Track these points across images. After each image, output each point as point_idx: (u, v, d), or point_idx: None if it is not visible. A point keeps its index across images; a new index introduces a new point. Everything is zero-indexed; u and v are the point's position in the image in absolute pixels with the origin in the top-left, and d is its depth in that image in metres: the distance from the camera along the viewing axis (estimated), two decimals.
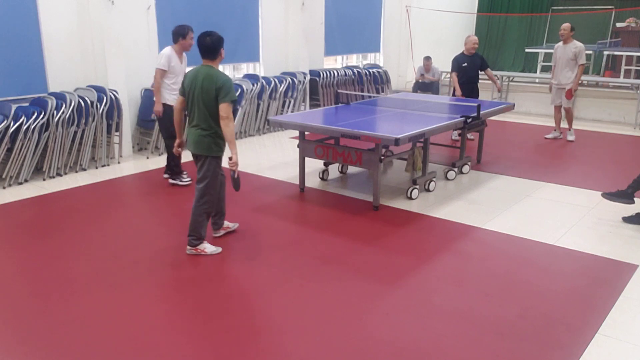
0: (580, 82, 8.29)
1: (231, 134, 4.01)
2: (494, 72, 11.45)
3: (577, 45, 8.01)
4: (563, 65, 8.13)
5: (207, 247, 4.34)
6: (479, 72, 8.13)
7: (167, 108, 5.82)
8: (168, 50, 5.88)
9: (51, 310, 3.55)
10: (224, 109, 3.98)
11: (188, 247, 4.33)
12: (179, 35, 5.85)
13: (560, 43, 8.17)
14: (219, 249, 4.39)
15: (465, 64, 8.04)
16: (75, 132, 6.60)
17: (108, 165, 7.00)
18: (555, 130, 8.59)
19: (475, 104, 6.46)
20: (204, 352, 3.11)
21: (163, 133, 6.20)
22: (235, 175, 4.10)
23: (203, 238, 4.34)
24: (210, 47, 4.09)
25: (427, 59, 11.34)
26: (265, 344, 3.19)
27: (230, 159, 4.03)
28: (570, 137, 8.42)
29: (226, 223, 4.75)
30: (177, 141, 4.55)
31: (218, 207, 4.53)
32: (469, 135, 8.12)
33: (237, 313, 3.53)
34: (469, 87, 8.05)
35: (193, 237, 4.30)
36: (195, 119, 4.16)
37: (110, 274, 4.07)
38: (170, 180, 6.18)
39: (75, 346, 3.16)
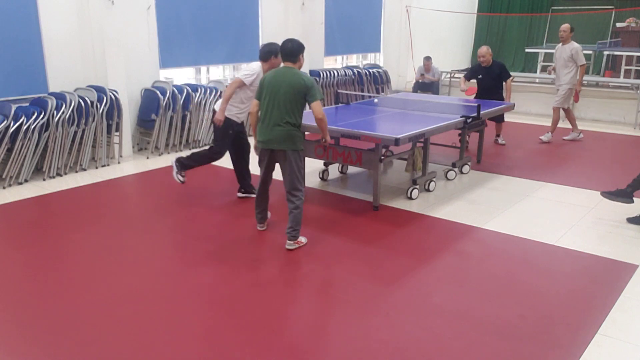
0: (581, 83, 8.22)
1: (326, 126, 4.54)
2: None
3: (573, 46, 7.96)
4: (560, 66, 8.13)
5: (302, 238, 4.57)
6: (502, 83, 7.76)
7: (226, 122, 5.30)
8: (258, 67, 5.19)
9: (51, 310, 3.55)
10: (317, 107, 4.32)
11: (289, 242, 4.48)
12: (271, 53, 5.13)
13: (560, 44, 8.16)
14: (306, 238, 4.62)
15: (481, 76, 7.78)
16: (75, 132, 6.60)
17: (108, 165, 7.00)
18: (573, 131, 8.46)
19: (475, 104, 6.47)
20: (203, 350, 3.12)
21: (219, 148, 5.51)
22: (323, 142, 4.72)
23: (299, 232, 4.56)
24: (291, 51, 4.41)
25: (427, 59, 11.34)
26: (265, 344, 3.19)
27: (324, 140, 4.65)
28: (545, 138, 8.30)
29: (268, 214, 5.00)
30: (254, 143, 4.58)
31: (265, 203, 4.83)
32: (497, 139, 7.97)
33: (236, 312, 3.53)
34: (484, 97, 7.63)
35: (296, 231, 4.48)
36: (279, 117, 4.32)
37: (110, 274, 4.07)
38: (240, 194, 5.72)
39: (75, 345, 3.16)
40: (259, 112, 4.44)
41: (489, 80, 7.75)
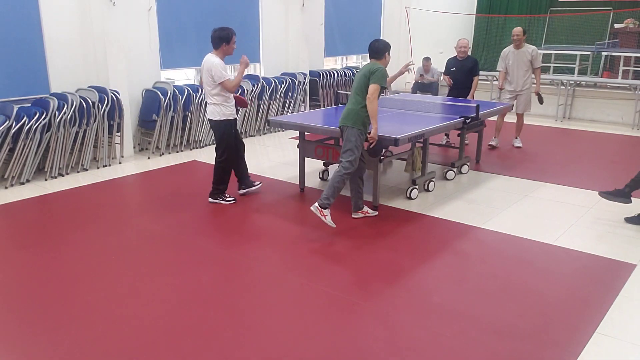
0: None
1: (374, 111, 4.71)
2: (493, 73, 11.52)
3: (532, 48, 7.64)
4: (519, 71, 7.65)
5: (328, 216, 4.75)
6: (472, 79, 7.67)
7: (227, 124, 5.34)
8: (217, 58, 5.19)
9: (53, 309, 3.57)
10: (372, 89, 4.68)
11: (315, 205, 4.75)
12: (222, 40, 5.18)
13: (511, 48, 7.68)
14: (334, 224, 4.76)
15: (454, 68, 7.74)
16: (77, 133, 6.63)
17: (109, 165, 7.03)
18: (496, 137, 8.07)
19: (474, 105, 6.50)
20: (203, 350, 3.15)
21: (221, 151, 5.46)
22: (371, 147, 4.90)
23: (331, 204, 4.76)
24: (376, 49, 4.89)
25: (427, 59, 11.37)
26: (265, 343, 3.22)
27: (369, 133, 4.83)
28: (518, 144, 8.07)
29: (365, 207, 5.24)
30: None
31: (358, 190, 5.16)
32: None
33: (237, 312, 3.57)
34: (457, 92, 7.76)
35: (325, 198, 4.73)
36: (350, 100, 4.90)
37: (111, 273, 4.10)
38: (211, 199, 5.58)
39: (76, 344, 3.19)
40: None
41: (461, 74, 7.68)
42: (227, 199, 5.59)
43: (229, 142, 5.46)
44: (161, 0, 7.90)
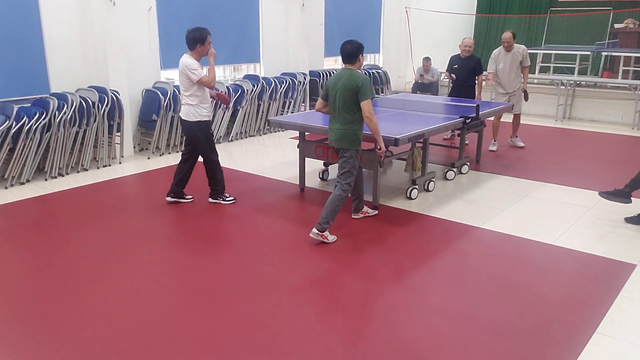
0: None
1: (375, 127, 4.59)
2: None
3: (522, 48, 7.69)
4: (511, 72, 7.69)
5: (329, 236, 4.62)
6: (474, 78, 7.77)
7: (201, 125, 5.27)
8: (190, 59, 5.07)
9: (53, 309, 3.57)
10: (366, 106, 4.48)
11: (314, 231, 4.58)
12: (196, 41, 5.05)
13: (501, 50, 7.71)
14: (335, 237, 4.66)
15: (456, 66, 7.83)
16: (77, 133, 6.63)
17: (109, 165, 7.04)
18: (495, 141, 7.99)
19: (474, 105, 6.50)
20: (203, 350, 3.15)
21: (204, 153, 5.44)
22: (381, 160, 5.02)
23: (329, 226, 4.62)
24: (350, 52, 4.59)
25: (427, 59, 11.38)
26: (264, 343, 3.22)
27: (379, 148, 4.70)
28: (520, 143, 8.09)
29: (365, 208, 5.23)
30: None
31: (358, 192, 5.15)
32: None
33: (237, 312, 3.57)
34: (458, 89, 7.83)
35: (325, 222, 4.58)
36: (338, 118, 4.64)
37: (111, 273, 4.11)
38: (211, 200, 5.63)
39: (76, 344, 3.19)
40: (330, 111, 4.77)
41: (462, 72, 7.74)
42: (227, 199, 5.60)
43: (209, 141, 5.41)
44: (161, 0, 7.91)
